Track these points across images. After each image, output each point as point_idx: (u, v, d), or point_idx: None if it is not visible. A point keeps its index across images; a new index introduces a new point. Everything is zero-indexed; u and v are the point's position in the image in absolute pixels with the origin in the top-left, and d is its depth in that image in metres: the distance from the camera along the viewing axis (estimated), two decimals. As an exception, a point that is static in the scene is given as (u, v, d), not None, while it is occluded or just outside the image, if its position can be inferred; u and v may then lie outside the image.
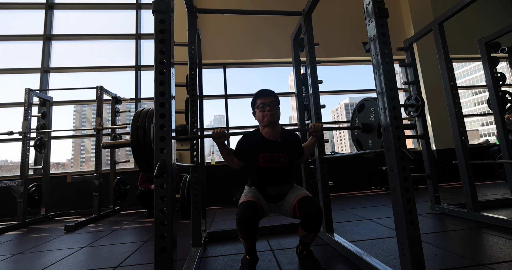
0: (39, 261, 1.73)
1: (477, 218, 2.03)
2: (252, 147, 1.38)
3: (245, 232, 1.20)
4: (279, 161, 1.36)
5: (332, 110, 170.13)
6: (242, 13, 2.11)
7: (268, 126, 1.39)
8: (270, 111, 1.35)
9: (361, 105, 1.56)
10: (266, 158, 1.35)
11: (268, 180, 1.37)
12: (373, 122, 1.43)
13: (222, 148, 1.41)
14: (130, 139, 1.19)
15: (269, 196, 1.37)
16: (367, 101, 1.50)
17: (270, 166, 1.35)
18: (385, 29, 1.09)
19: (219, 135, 1.33)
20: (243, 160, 1.43)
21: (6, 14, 4.70)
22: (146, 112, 1.26)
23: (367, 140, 1.51)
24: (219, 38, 4.53)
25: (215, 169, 4.05)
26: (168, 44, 1.06)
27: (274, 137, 1.40)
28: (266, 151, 1.36)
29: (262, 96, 1.39)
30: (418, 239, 0.98)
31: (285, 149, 1.39)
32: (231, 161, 1.45)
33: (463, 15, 4.85)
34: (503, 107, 2.41)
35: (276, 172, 1.37)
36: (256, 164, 1.36)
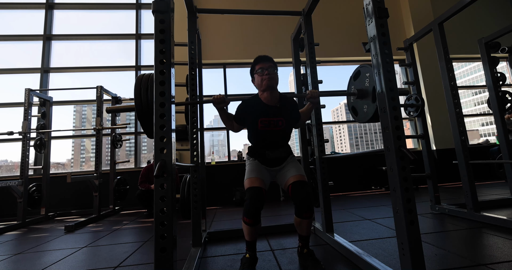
0: (39, 261, 1.73)
1: (477, 218, 2.03)
2: (251, 112, 1.42)
3: (252, 216, 1.24)
4: (277, 125, 1.41)
5: (332, 110, 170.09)
6: (242, 13, 2.12)
7: (267, 90, 1.42)
8: (269, 75, 1.39)
9: (357, 72, 1.57)
10: (265, 122, 1.39)
11: (266, 144, 1.42)
12: (368, 87, 1.44)
13: (223, 113, 1.43)
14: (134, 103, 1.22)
15: (268, 160, 1.42)
16: (362, 67, 1.51)
17: (268, 130, 1.40)
18: (385, 29, 1.09)
19: (219, 101, 1.36)
20: (242, 124, 1.47)
21: (6, 14, 4.70)
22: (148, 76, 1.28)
23: (362, 106, 1.52)
24: (219, 38, 4.53)
25: (215, 169, 4.05)
26: (168, 44, 1.06)
27: (273, 102, 1.43)
28: (264, 116, 1.40)
29: (260, 62, 1.43)
30: (418, 239, 0.98)
31: (283, 113, 1.43)
32: (231, 125, 1.49)
33: (463, 15, 4.86)
34: (503, 107, 2.41)
35: (274, 135, 1.41)
36: (255, 128, 1.40)
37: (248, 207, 1.25)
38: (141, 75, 1.31)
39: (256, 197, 1.26)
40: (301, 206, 1.29)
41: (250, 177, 1.36)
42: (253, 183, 1.32)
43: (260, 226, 1.33)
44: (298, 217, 1.33)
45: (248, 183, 1.34)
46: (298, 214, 1.32)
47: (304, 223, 1.33)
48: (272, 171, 1.46)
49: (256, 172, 1.38)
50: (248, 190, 1.30)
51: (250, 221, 1.26)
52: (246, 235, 1.32)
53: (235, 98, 1.48)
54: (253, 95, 1.50)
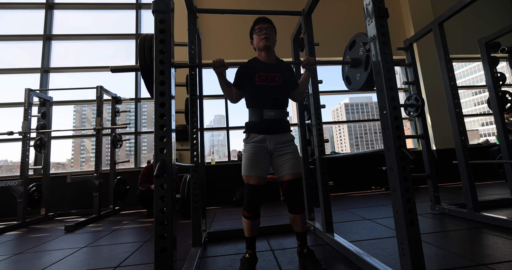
0: (39, 261, 1.73)
1: (477, 218, 2.03)
2: (249, 70, 1.45)
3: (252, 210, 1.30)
4: (274, 80, 1.42)
5: (332, 110, 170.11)
6: (242, 13, 2.11)
7: (264, 50, 1.46)
8: (266, 34, 1.43)
9: (352, 42, 1.60)
10: (262, 77, 1.41)
11: (264, 100, 1.41)
12: (361, 56, 1.46)
13: (222, 79, 1.45)
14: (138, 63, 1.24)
15: (267, 122, 1.39)
16: (358, 36, 1.54)
17: (265, 84, 1.41)
18: (385, 29, 1.09)
19: (218, 64, 1.38)
20: (241, 88, 1.48)
21: (6, 14, 4.70)
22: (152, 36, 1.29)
23: (355, 74, 1.54)
24: (219, 38, 4.53)
25: (215, 169, 4.06)
26: (168, 44, 1.06)
27: (270, 61, 1.49)
28: (262, 71, 1.43)
29: (260, 22, 1.48)
30: (418, 239, 0.98)
31: (280, 70, 1.46)
32: (230, 93, 1.50)
33: (463, 15, 4.85)
34: (503, 107, 2.41)
35: (272, 91, 1.42)
36: (252, 83, 1.41)
37: (248, 202, 1.31)
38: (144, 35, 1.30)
39: (254, 193, 1.32)
40: (293, 202, 1.35)
41: (247, 174, 1.35)
42: (250, 180, 1.34)
43: (259, 222, 1.36)
44: (291, 213, 1.37)
45: (246, 178, 1.36)
46: (291, 209, 1.37)
47: (297, 218, 1.36)
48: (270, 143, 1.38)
49: (253, 164, 1.34)
50: (247, 187, 1.35)
51: (250, 215, 1.30)
52: (246, 230, 1.34)
53: (234, 63, 1.52)
54: (250, 59, 1.55)
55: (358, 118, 12.13)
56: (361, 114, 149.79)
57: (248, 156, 1.37)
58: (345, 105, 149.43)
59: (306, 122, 2.22)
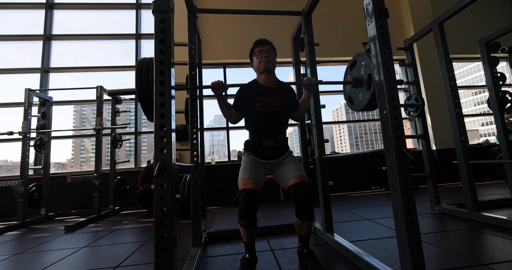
0: (39, 261, 1.73)
1: (477, 218, 2.03)
2: (249, 93, 1.43)
3: (247, 219, 1.24)
4: (274, 106, 1.40)
5: (332, 110, 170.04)
6: (242, 13, 2.11)
7: (264, 72, 1.43)
8: (267, 57, 1.40)
9: (353, 62, 1.58)
10: (262, 102, 1.39)
11: (263, 128, 1.41)
12: (363, 76, 1.45)
13: (221, 101, 1.44)
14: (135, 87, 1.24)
15: (265, 150, 1.40)
16: (358, 56, 1.52)
17: (266, 110, 1.39)
18: (385, 29, 1.09)
19: (217, 86, 1.37)
20: (240, 110, 1.47)
21: (6, 14, 4.70)
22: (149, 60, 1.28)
23: (358, 94, 1.53)
24: (219, 38, 4.53)
25: (215, 169, 4.06)
26: (168, 44, 1.06)
27: (270, 84, 1.45)
28: (262, 96, 1.41)
29: (260, 44, 1.45)
30: (418, 239, 0.98)
31: (280, 95, 1.44)
32: (229, 114, 1.48)
33: (463, 15, 4.85)
34: (503, 107, 2.40)
35: (271, 117, 1.40)
36: (252, 109, 1.40)
37: (243, 210, 1.24)
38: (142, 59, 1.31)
39: (249, 199, 1.24)
40: (302, 208, 1.28)
41: (244, 178, 1.34)
42: (247, 184, 1.30)
43: (257, 227, 1.32)
44: (299, 219, 1.32)
45: (241, 184, 1.32)
46: (299, 215, 1.31)
47: (304, 224, 1.33)
48: (268, 165, 1.43)
49: (250, 171, 1.36)
50: (242, 192, 1.29)
51: (246, 224, 1.25)
52: (244, 236, 1.31)
53: (233, 84, 1.50)
54: (250, 81, 1.52)
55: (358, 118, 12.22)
56: (361, 114, 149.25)
57: (245, 166, 1.40)
58: (345, 105, 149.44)
59: (306, 122, 2.22)
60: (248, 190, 1.28)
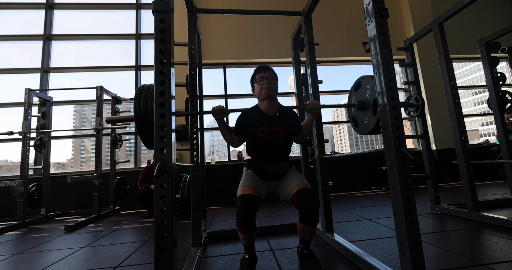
0: (39, 261, 1.73)
1: (477, 218, 2.03)
2: (251, 121, 1.41)
3: (243, 225, 1.21)
4: (277, 135, 1.39)
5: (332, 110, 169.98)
6: (242, 13, 2.11)
7: (266, 99, 1.41)
8: (268, 84, 1.38)
9: (357, 83, 1.57)
10: (265, 132, 1.38)
11: (266, 156, 1.40)
12: (369, 99, 1.44)
13: (222, 125, 1.42)
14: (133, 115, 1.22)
15: (267, 174, 1.39)
16: (363, 79, 1.51)
17: (268, 140, 1.38)
18: (385, 29, 1.09)
19: (218, 112, 1.36)
20: (242, 136, 1.45)
21: (6, 14, 4.70)
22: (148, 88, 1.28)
23: (363, 118, 1.52)
24: (219, 38, 4.53)
25: (215, 169, 4.06)
26: (168, 44, 1.06)
27: (272, 112, 1.43)
28: (264, 125, 1.39)
29: (261, 71, 1.43)
30: (418, 239, 0.98)
31: (282, 123, 1.42)
32: (230, 139, 1.46)
33: (463, 15, 4.85)
34: (503, 107, 2.41)
35: (274, 146, 1.39)
36: (255, 138, 1.38)
37: (239, 216, 1.21)
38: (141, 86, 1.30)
39: (246, 205, 1.21)
40: (307, 214, 1.25)
41: (243, 185, 1.32)
42: (245, 190, 1.28)
43: (256, 231, 1.30)
44: (304, 225, 1.30)
45: (240, 191, 1.31)
46: (304, 221, 1.28)
47: (308, 229, 1.31)
48: (270, 185, 1.42)
49: (250, 181, 1.35)
50: (239, 198, 1.26)
51: (243, 230, 1.23)
52: (242, 240, 1.30)
53: (234, 110, 1.47)
54: (252, 106, 1.49)
55: (358, 118, 12.12)
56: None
57: (245, 177, 1.39)
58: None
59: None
60: (245, 195, 1.25)
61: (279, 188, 1.42)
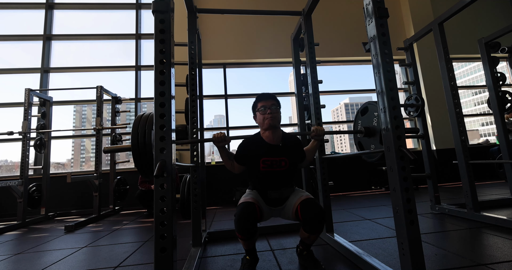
0: (39, 261, 1.73)
1: (477, 218, 2.03)
2: (253, 151, 1.37)
3: (243, 233, 1.19)
4: (280, 165, 1.35)
5: (332, 110, 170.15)
6: (242, 13, 2.11)
7: (269, 129, 1.38)
8: (271, 114, 1.35)
9: (364, 108, 1.56)
10: (267, 163, 1.34)
11: (269, 185, 1.36)
12: (376, 127, 1.43)
13: (223, 152, 1.40)
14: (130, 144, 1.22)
15: (271, 200, 1.36)
16: (370, 105, 1.49)
17: (271, 170, 1.34)
18: (385, 29, 1.09)
19: (219, 139, 1.33)
20: (243, 164, 1.42)
21: (6, 14, 4.70)
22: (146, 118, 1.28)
23: (369, 144, 1.51)
24: (219, 38, 4.53)
25: (215, 169, 4.05)
26: (168, 44, 1.06)
27: (275, 141, 1.39)
28: (267, 156, 1.35)
29: (263, 99, 1.39)
30: (418, 239, 0.98)
31: (286, 153, 1.38)
32: (231, 166, 1.43)
33: (463, 15, 4.85)
34: (503, 107, 2.41)
35: (277, 176, 1.36)
36: (257, 168, 1.35)
37: (237, 224, 1.18)
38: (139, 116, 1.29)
39: (244, 211, 1.18)
40: (313, 223, 1.21)
41: (245, 197, 1.31)
42: (246, 200, 1.25)
43: (257, 237, 1.27)
44: (308, 233, 1.26)
45: (241, 200, 1.28)
46: (309, 230, 1.24)
47: (312, 237, 1.28)
48: (274, 210, 1.39)
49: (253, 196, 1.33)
50: (239, 206, 1.24)
51: (242, 237, 1.21)
52: (243, 245, 1.29)
53: (236, 137, 1.45)
54: (254, 134, 1.46)
55: (358, 118, 12.21)
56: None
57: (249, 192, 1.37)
58: (345, 105, 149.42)
59: (306, 122, 2.22)
60: (245, 202, 1.23)
61: (283, 210, 1.38)
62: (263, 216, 1.29)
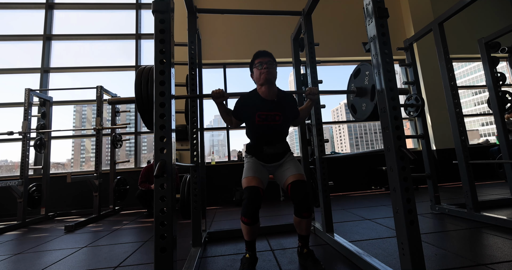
0: (39, 261, 1.73)
1: (477, 218, 2.03)
2: (249, 106, 1.44)
3: (250, 216, 1.26)
4: (274, 119, 1.42)
5: (332, 110, 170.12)
6: (242, 13, 2.11)
7: (265, 84, 1.43)
8: (267, 69, 1.40)
9: (357, 70, 1.58)
10: (262, 116, 1.41)
11: (264, 139, 1.44)
12: (367, 86, 1.46)
13: (221, 108, 1.46)
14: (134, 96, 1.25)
15: (266, 156, 1.44)
16: (362, 65, 1.52)
17: (265, 124, 1.41)
18: (385, 29, 1.09)
19: (218, 95, 1.40)
20: (241, 119, 1.49)
21: (6, 14, 4.70)
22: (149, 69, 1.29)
23: (361, 104, 1.54)
24: (219, 38, 4.53)
25: (215, 169, 4.05)
26: (168, 44, 1.06)
27: (271, 97, 1.45)
28: (262, 110, 1.42)
29: (260, 56, 1.45)
30: (418, 239, 0.98)
31: (280, 108, 1.44)
32: (229, 121, 1.51)
33: (463, 15, 4.85)
34: (503, 107, 2.40)
35: (271, 130, 1.43)
36: (252, 122, 1.42)
37: (246, 207, 1.26)
38: (142, 68, 1.32)
39: (253, 196, 1.27)
40: (300, 206, 1.30)
41: (247, 176, 1.37)
42: (251, 182, 1.33)
43: (259, 226, 1.33)
44: (298, 217, 1.34)
45: (245, 182, 1.35)
46: (297, 213, 1.33)
47: (303, 222, 1.34)
48: (270, 167, 1.48)
49: (253, 170, 1.40)
50: (246, 190, 1.32)
51: (249, 221, 1.27)
52: (245, 234, 1.32)
53: (233, 94, 1.51)
54: (251, 90, 1.52)
55: (358, 118, 12.13)
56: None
57: (248, 166, 1.43)
58: (345, 105, 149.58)
59: (306, 122, 2.22)
60: (251, 187, 1.30)
61: (277, 172, 1.47)
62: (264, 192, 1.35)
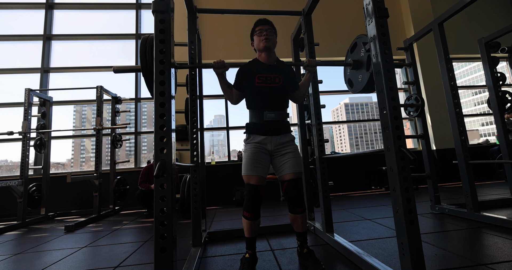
0: (39, 261, 1.73)
1: (477, 218, 2.03)
2: (249, 71, 1.46)
3: (252, 210, 1.30)
4: (274, 81, 1.43)
5: (332, 110, 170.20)
6: (242, 13, 2.11)
7: (265, 50, 1.46)
8: (267, 36, 1.43)
9: (353, 44, 1.60)
10: (262, 78, 1.42)
11: (264, 102, 1.42)
12: (363, 57, 1.48)
13: (222, 80, 1.46)
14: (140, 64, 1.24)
15: (268, 124, 1.40)
16: (359, 38, 1.54)
17: (265, 85, 1.41)
18: (385, 29, 1.09)
19: (219, 65, 1.40)
20: (241, 88, 1.48)
21: (6, 14, 4.70)
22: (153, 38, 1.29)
23: (357, 76, 1.55)
24: (219, 38, 4.53)
25: (215, 169, 4.05)
26: (168, 44, 1.06)
27: (270, 62, 1.48)
28: (262, 73, 1.44)
29: (260, 24, 1.48)
30: (418, 239, 0.98)
31: (280, 71, 1.47)
32: (230, 94, 1.50)
33: (463, 15, 4.85)
34: (503, 107, 2.41)
35: (272, 92, 1.42)
36: (252, 84, 1.42)
37: (248, 202, 1.31)
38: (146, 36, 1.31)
39: (255, 193, 1.31)
40: (294, 202, 1.34)
41: (247, 174, 1.34)
42: (250, 180, 1.34)
43: (260, 222, 1.35)
44: (292, 213, 1.37)
45: (246, 178, 1.35)
46: (291, 209, 1.36)
47: (298, 218, 1.35)
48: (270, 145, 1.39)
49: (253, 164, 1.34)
50: (247, 186, 1.34)
51: (250, 215, 1.29)
52: (246, 230, 1.33)
53: (234, 63, 1.52)
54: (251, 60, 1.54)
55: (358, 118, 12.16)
56: (361, 114, 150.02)
57: (248, 156, 1.38)
58: (345, 105, 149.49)
59: (306, 122, 2.22)
60: (251, 186, 1.32)
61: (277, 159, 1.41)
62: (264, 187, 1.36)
